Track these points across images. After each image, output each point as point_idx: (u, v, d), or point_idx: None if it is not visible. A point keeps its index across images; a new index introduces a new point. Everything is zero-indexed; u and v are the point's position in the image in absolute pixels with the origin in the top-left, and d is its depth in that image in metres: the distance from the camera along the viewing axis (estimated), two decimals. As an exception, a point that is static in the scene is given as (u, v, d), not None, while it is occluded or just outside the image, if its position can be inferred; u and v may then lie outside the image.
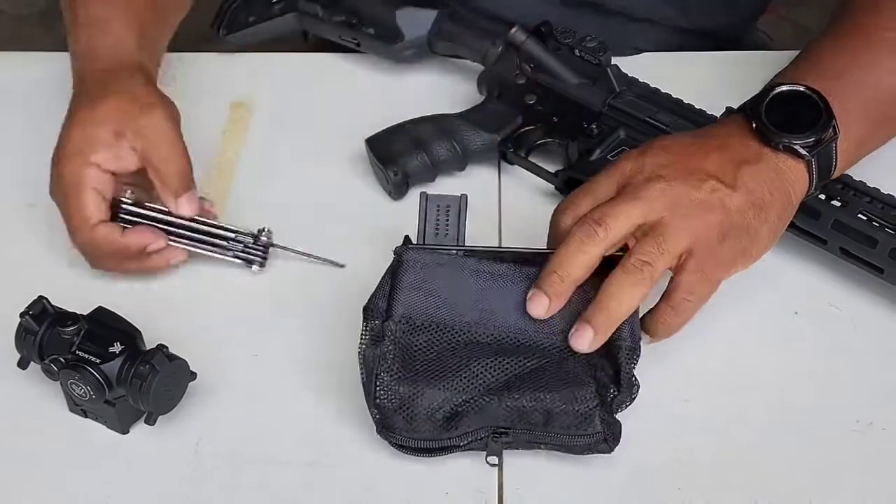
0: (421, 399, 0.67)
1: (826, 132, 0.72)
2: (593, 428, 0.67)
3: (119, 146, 0.78)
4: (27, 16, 2.19)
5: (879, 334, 0.78)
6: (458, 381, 0.67)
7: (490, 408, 0.67)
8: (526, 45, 0.88)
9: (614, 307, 0.68)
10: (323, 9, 0.96)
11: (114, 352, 0.69)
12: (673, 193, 0.69)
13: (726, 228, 0.70)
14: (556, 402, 0.67)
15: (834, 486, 0.70)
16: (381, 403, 0.67)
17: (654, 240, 0.68)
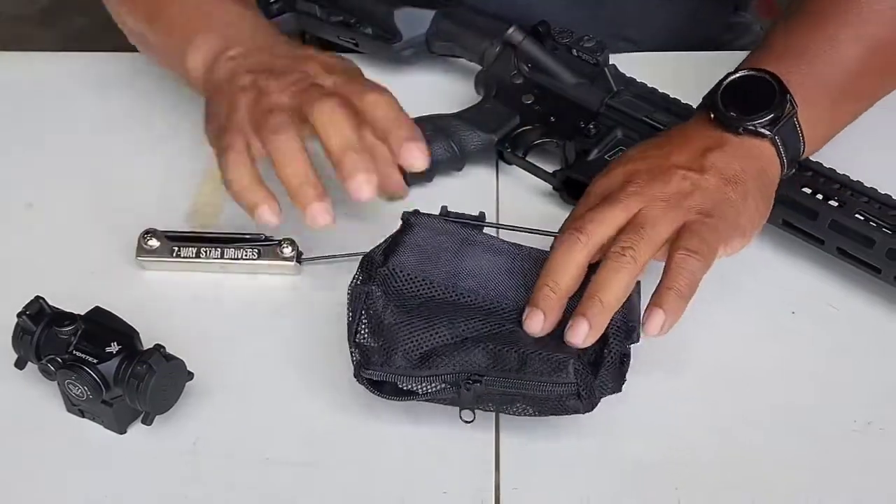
0: (400, 335, 0.68)
1: (782, 108, 0.74)
2: (566, 376, 0.67)
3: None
4: (27, 16, 2.20)
5: (877, 334, 0.78)
6: (438, 326, 0.69)
7: (466, 350, 0.68)
8: (523, 45, 0.88)
9: (604, 296, 0.68)
10: (321, 9, 0.96)
11: (111, 352, 0.69)
12: (647, 192, 0.71)
13: (708, 206, 0.71)
14: (531, 346, 0.68)
15: (833, 485, 0.70)
16: (361, 341, 0.69)
17: (634, 228, 0.69)
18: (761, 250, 0.82)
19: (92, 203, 0.86)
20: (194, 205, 0.86)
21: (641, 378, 0.74)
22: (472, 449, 0.71)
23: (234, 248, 0.80)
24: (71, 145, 0.91)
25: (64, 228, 0.85)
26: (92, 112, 0.94)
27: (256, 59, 0.75)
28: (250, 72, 0.73)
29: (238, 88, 0.73)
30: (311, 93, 0.70)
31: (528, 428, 0.72)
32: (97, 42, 0.95)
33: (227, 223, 0.84)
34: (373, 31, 0.94)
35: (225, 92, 0.74)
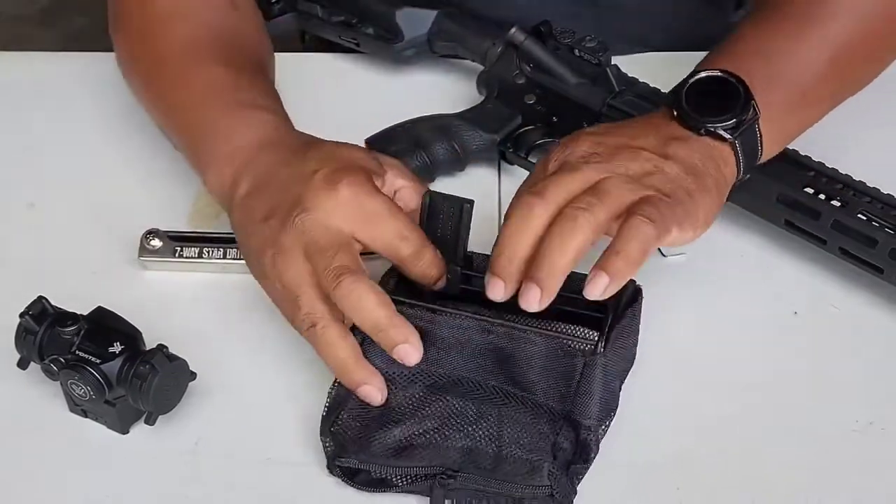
0: (378, 432, 0.68)
1: (746, 113, 0.72)
2: (540, 479, 0.66)
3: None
4: (27, 16, 2.19)
5: (879, 334, 0.78)
6: (417, 416, 0.68)
7: (443, 445, 0.68)
8: (525, 45, 0.88)
9: (556, 257, 0.65)
10: (322, 9, 0.96)
11: (114, 352, 0.69)
12: (609, 165, 0.68)
13: (668, 189, 0.68)
14: (508, 446, 0.67)
15: (833, 485, 0.70)
16: (337, 431, 0.68)
17: (593, 191, 0.66)
18: (764, 250, 0.82)
19: (94, 203, 0.86)
20: (196, 205, 0.86)
21: (642, 378, 0.74)
22: (475, 449, 0.71)
23: (237, 249, 0.80)
24: (72, 145, 0.91)
25: (66, 228, 0.85)
26: (93, 112, 0.94)
27: (264, 198, 0.71)
28: (263, 220, 0.70)
29: (261, 260, 0.70)
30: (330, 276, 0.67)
31: (530, 428, 0.72)
32: (97, 42, 0.94)
33: (228, 223, 0.84)
34: (374, 31, 0.94)
35: (246, 240, 0.72)
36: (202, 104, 0.79)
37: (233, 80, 0.80)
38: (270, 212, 0.70)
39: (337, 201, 0.68)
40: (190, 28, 0.84)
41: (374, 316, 0.66)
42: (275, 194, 0.70)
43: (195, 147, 0.79)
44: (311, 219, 0.67)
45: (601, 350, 0.68)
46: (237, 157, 0.74)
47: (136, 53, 0.87)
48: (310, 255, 0.67)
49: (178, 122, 0.82)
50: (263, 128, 0.76)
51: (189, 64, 0.82)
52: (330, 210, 0.68)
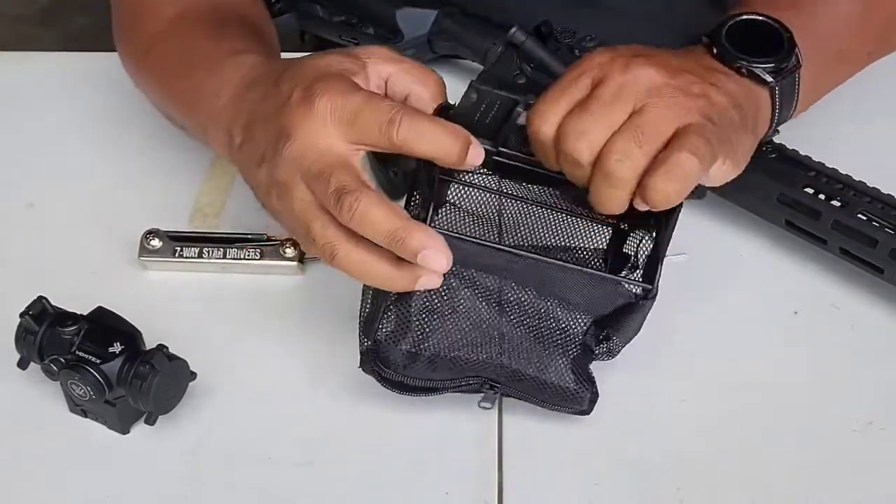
0: (425, 346, 0.68)
1: (789, 59, 0.70)
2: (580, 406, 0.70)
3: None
4: (27, 16, 2.19)
5: (879, 334, 0.78)
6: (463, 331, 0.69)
7: (484, 361, 0.69)
8: (526, 46, 0.88)
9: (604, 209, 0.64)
10: (322, 8, 0.96)
11: (114, 352, 0.69)
12: (654, 87, 0.64)
13: (715, 115, 0.65)
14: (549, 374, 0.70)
15: (833, 486, 0.70)
16: (381, 338, 0.67)
17: (635, 128, 0.63)
18: (764, 250, 0.82)
19: (94, 203, 0.86)
20: (196, 204, 0.86)
21: (642, 378, 0.74)
22: (475, 449, 0.71)
23: (237, 249, 0.80)
24: (72, 145, 0.91)
25: (66, 228, 0.85)
26: (93, 112, 0.94)
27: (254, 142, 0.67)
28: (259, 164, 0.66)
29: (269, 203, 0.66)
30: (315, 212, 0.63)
31: (530, 428, 0.72)
32: (97, 42, 0.94)
33: (229, 223, 0.84)
34: (374, 31, 0.94)
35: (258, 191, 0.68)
36: (191, 71, 0.77)
37: (215, 37, 0.78)
38: (262, 154, 0.65)
39: (315, 117, 0.63)
40: (179, 5, 0.83)
41: (386, 228, 0.61)
42: (261, 135, 0.66)
43: (193, 115, 0.77)
44: (297, 145, 0.63)
45: (654, 294, 0.67)
46: (226, 110, 0.71)
47: (129, 37, 0.86)
48: (309, 184, 0.63)
49: (173, 96, 0.80)
50: (242, 71, 0.72)
51: (177, 36, 0.81)
52: (313, 130, 0.63)
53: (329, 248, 0.63)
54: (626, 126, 0.63)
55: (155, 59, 0.82)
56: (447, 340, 0.69)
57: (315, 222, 0.63)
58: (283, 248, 0.80)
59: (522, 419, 0.72)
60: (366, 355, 0.69)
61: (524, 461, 0.71)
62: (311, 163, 0.62)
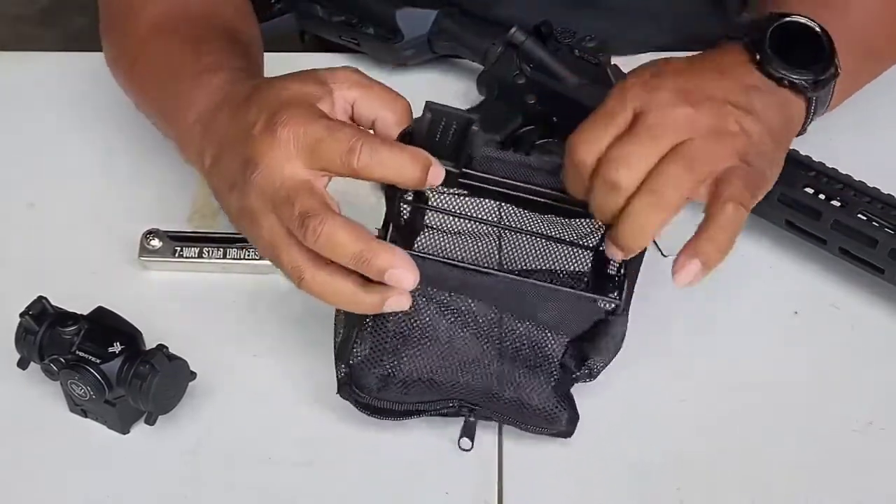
0: (400, 369, 0.68)
1: (829, 70, 0.70)
2: (559, 427, 0.70)
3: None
4: (27, 16, 2.19)
5: (879, 334, 0.78)
6: (438, 354, 0.69)
7: (462, 381, 0.69)
8: (526, 46, 0.88)
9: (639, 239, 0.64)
10: (322, 8, 0.96)
11: (113, 352, 0.69)
12: (693, 124, 0.64)
13: (752, 155, 0.65)
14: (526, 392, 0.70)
15: (833, 486, 0.70)
16: (355, 363, 0.68)
17: (678, 159, 0.63)
18: (764, 250, 0.82)
19: (94, 203, 0.86)
20: (196, 204, 0.86)
21: (642, 378, 0.74)
22: (475, 449, 0.71)
23: (237, 249, 0.80)
24: (72, 145, 0.91)
25: (66, 228, 0.85)
26: (92, 112, 0.94)
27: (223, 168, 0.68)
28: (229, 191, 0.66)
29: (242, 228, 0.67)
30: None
31: (530, 428, 0.72)
32: (97, 42, 0.94)
33: (229, 223, 0.84)
34: (374, 31, 0.94)
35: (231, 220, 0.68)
36: (167, 80, 0.77)
37: (193, 50, 0.78)
38: (231, 181, 0.66)
39: (279, 146, 0.63)
40: (160, 8, 0.83)
41: (351, 250, 0.61)
42: (229, 161, 0.67)
43: (167, 124, 0.77)
44: (263, 173, 0.63)
45: (621, 310, 0.67)
46: (195, 129, 0.71)
47: (113, 41, 0.86)
48: (276, 209, 0.63)
49: (150, 103, 0.80)
50: (216, 88, 0.72)
51: (157, 42, 0.81)
52: (277, 158, 0.63)
53: (297, 271, 0.63)
54: (672, 155, 0.63)
55: (141, 66, 0.82)
56: (421, 364, 0.69)
57: (282, 248, 0.63)
58: None
59: (522, 419, 0.72)
60: (343, 381, 0.69)
61: (524, 461, 0.71)
62: (276, 189, 0.63)
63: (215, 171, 0.68)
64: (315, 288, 0.63)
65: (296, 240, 0.63)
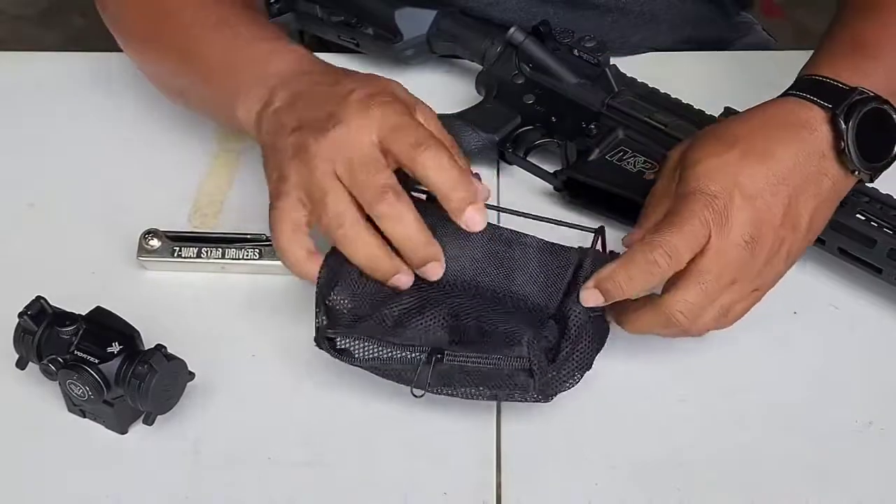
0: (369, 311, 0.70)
1: (890, 158, 0.72)
2: (519, 350, 0.68)
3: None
4: (27, 16, 2.20)
5: (878, 334, 0.78)
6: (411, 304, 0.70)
7: (429, 324, 0.70)
8: (525, 45, 0.88)
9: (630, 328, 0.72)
10: (322, 8, 0.96)
11: (112, 352, 0.69)
12: (749, 267, 0.69)
13: (769, 283, 0.72)
14: (491, 321, 0.70)
15: (833, 486, 0.70)
16: (332, 305, 0.70)
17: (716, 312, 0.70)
18: (762, 250, 0.82)
19: (93, 203, 0.86)
20: (195, 205, 0.86)
21: (642, 378, 0.74)
22: (474, 449, 0.71)
23: (236, 249, 0.80)
24: (72, 145, 0.91)
25: (65, 228, 0.85)
26: (92, 112, 0.94)
27: (297, 111, 0.72)
28: (294, 130, 0.71)
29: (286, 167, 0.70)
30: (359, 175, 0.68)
31: (529, 428, 0.72)
32: (97, 42, 0.95)
33: (228, 223, 0.84)
34: (374, 32, 0.94)
35: (272, 154, 0.72)
36: (223, 38, 0.80)
37: (249, 15, 0.82)
38: (301, 124, 0.70)
39: (368, 117, 0.69)
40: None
41: (411, 233, 0.68)
42: (307, 109, 0.71)
43: (220, 80, 0.79)
44: (344, 131, 0.68)
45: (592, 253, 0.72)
46: (271, 80, 0.75)
47: (135, 15, 0.87)
48: (348, 167, 0.68)
49: (195, 64, 0.82)
50: (295, 57, 0.77)
51: (198, 8, 0.83)
52: (362, 126, 0.68)
53: (339, 217, 0.68)
54: (715, 305, 0.69)
55: (178, 29, 0.83)
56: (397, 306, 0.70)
57: (332, 192, 0.68)
58: None
59: (521, 419, 0.72)
60: (321, 328, 0.70)
61: (523, 461, 0.71)
62: (353, 151, 0.68)
63: (282, 114, 0.72)
64: (349, 238, 0.68)
65: (344, 190, 0.68)
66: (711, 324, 0.70)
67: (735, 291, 0.69)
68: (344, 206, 0.68)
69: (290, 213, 0.69)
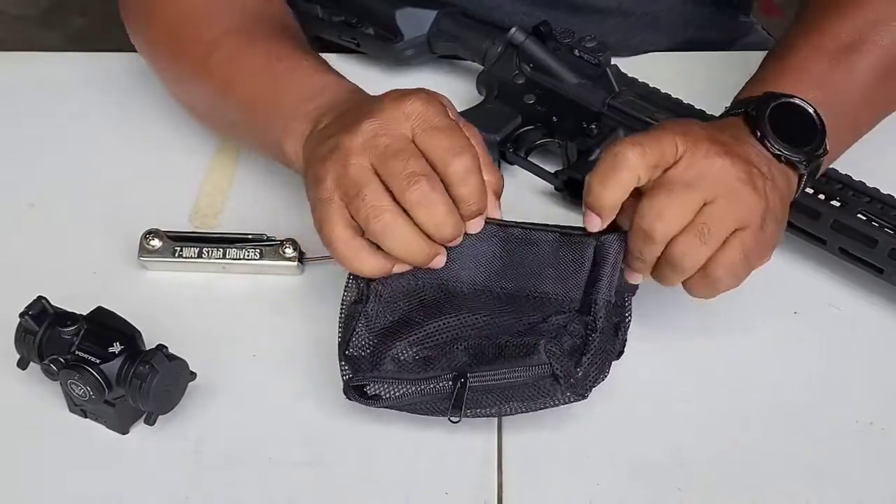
0: (389, 346, 0.69)
1: (820, 150, 0.74)
2: (538, 358, 0.68)
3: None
4: (27, 16, 2.20)
5: (879, 334, 0.78)
6: (425, 325, 0.70)
7: (449, 351, 0.69)
8: (525, 45, 0.88)
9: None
10: (322, 9, 0.96)
11: (113, 352, 0.69)
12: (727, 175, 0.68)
13: (768, 217, 0.69)
14: (505, 335, 0.70)
15: (833, 486, 0.70)
16: (352, 354, 0.69)
17: (702, 228, 0.68)
18: (763, 250, 0.82)
19: (94, 203, 0.86)
20: (196, 204, 0.86)
21: (644, 378, 0.75)
22: (475, 449, 0.71)
23: (237, 249, 0.80)
24: (72, 145, 0.91)
25: (66, 228, 0.85)
26: (93, 112, 0.94)
27: (337, 122, 0.73)
28: (331, 136, 0.71)
29: (321, 158, 0.70)
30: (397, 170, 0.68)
31: (530, 428, 0.72)
32: (97, 42, 0.95)
33: (229, 223, 0.84)
34: (374, 32, 0.94)
35: (311, 164, 0.72)
36: (270, 72, 0.80)
37: (294, 46, 0.82)
38: (339, 128, 0.70)
39: (405, 111, 0.69)
40: (232, 12, 0.85)
41: (441, 220, 0.68)
42: (347, 116, 0.71)
43: (267, 114, 0.79)
44: (377, 122, 0.68)
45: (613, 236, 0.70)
46: (318, 111, 0.75)
47: (176, 44, 0.87)
48: (381, 157, 0.68)
49: (240, 96, 0.81)
50: (345, 90, 0.78)
51: (244, 41, 0.83)
52: (395, 117, 0.68)
53: (377, 210, 0.67)
54: (694, 223, 0.68)
55: (223, 61, 0.83)
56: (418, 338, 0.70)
57: (369, 186, 0.67)
58: (283, 248, 0.80)
59: (522, 419, 0.72)
60: (347, 381, 0.69)
61: (524, 461, 0.71)
62: (387, 141, 0.68)
63: (325, 128, 0.73)
64: (385, 228, 0.68)
65: (380, 183, 0.68)
66: (695, 246, 0.68)
67: (714, 210, 0.68)
68: (379, 197, 0.68)
69: (335, 216, 0.69)
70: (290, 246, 0.80)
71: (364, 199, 0.67)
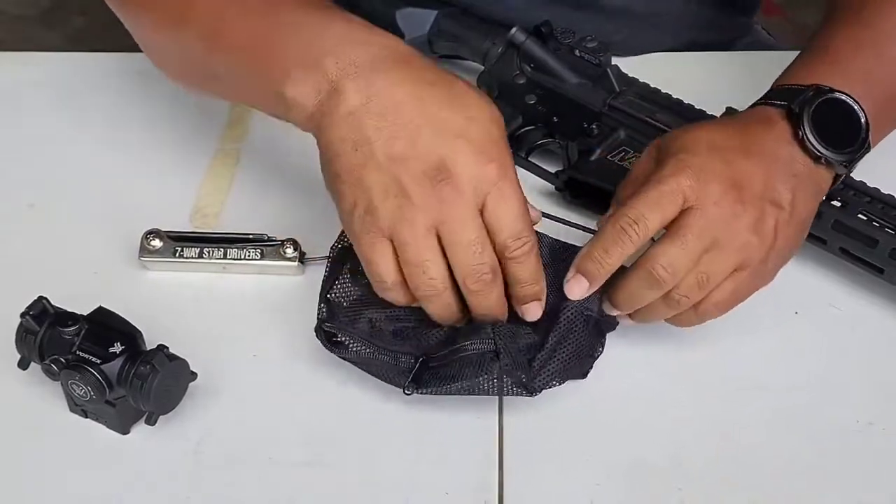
0: (370, 308, 0.72)
1: (862, 150, 0.73)
2: (485, 334, 0.69)
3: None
4: (27, 16, 2.20)
5: (879, 334, 0.78)
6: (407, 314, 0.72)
7: (427, 336, 0.71)
8: (526, 45, 0.88)
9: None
10: (323, 9, 0.96)
11: (114, 352, 0.69)
12: (736, 225, 0.68)
13: (771, 258, 0.70)
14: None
15: (834, 486, 0.70)
16: (332, 298, 0.71)
17: (699, 278, 0.69)
18: (764, 251, 0.82)
19: (94, 203, 0.86)
20: (196, 204, 0.86)
21: (644, 378, 0.75)
22: (475, 449, 0.71)
23: (237, 249, 0.80)
24: (72, 145, 0.91)
25: (66, 229, 0.85)
26: (93, 112, 0.94)
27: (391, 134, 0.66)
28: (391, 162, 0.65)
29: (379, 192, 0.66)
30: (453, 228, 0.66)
31: (531, 428, 0.72)
32: (97, 42, 0.95)
33: (229, 223, 0.84)
34: (375, 32, 0.94)
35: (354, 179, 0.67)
36: (268, 8, 0.71)
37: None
38: (401, 155, 0.65)
39: (484, 180, 0.66)
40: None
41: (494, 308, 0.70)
42: (407, 136, 0.65)
43: (265, 55, 0.69)
44: (454, 194, 0.65)
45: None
46: (333, 62, 0.66)
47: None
48: (450, 232, 0.66)
49: (234, 36, 0.72)
50: (355, 28, 0.69)
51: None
52: (475, 188, 0.66)
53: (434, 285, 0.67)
54: (695, 270, 0.68)
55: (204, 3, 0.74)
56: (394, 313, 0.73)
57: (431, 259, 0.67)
58: (284, 248, 0.80)
59: (523, 419, 0.72)
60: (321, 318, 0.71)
61: (524, 461, 0.71)
62: (460, 223, 0.66)
63: (365, 120, 0.66)
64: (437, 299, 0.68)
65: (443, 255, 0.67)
66: (693, 291, 0.69)
67: (716, 259, 0.68)
68: (439, 275, 0.67)
69: (385, 258, 0.67)
70: (290, 246, 0.80)
71: (425, 273, 0.67)
